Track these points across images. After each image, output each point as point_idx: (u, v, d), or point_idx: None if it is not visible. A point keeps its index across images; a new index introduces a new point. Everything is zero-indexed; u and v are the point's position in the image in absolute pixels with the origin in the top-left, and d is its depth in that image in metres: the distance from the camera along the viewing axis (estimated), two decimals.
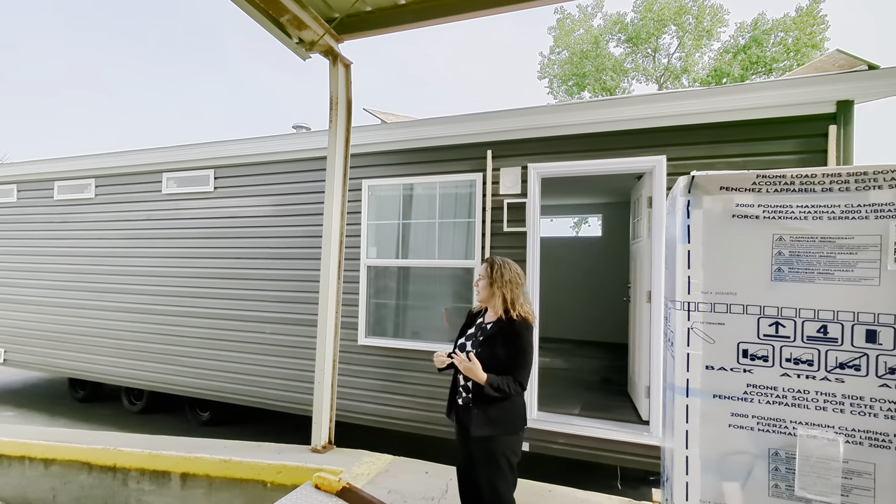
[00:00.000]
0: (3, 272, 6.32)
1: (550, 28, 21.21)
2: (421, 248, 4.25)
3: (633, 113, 3.43)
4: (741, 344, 1.62)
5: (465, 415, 2.15)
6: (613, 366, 5.75)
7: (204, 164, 5.08)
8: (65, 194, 5.91)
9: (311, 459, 3.29)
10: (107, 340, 5.52)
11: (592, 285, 7.76)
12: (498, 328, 2.14)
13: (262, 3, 3.13)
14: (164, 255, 5.26)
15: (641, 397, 3.57)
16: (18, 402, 6.62)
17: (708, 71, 18.26)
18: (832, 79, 2.86)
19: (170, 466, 3.47)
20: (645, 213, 3.63)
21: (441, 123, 4.06)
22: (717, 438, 1.65)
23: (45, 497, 3.85)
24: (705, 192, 1.69)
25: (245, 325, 4.81)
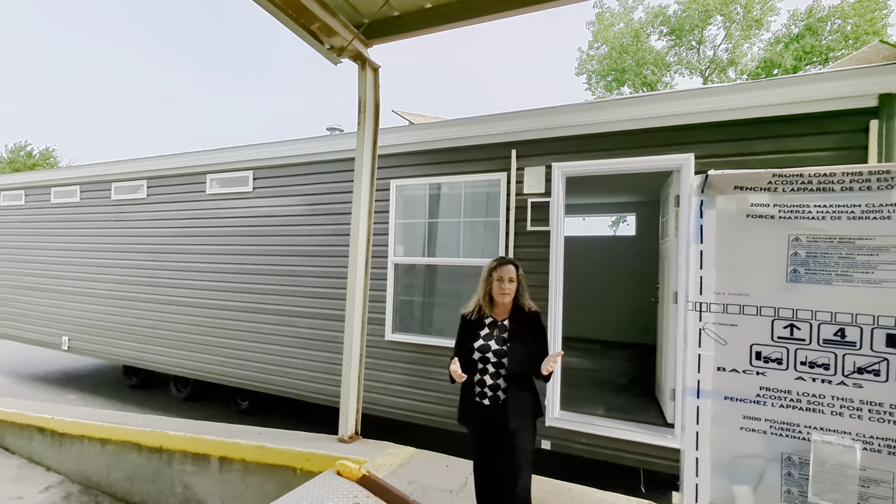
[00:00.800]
0: (68, 266, 6.90)
1: (589, 23, 20.76)
2: (446, 247, 4.33)
3: (659, 110, 3.36)
4: (754, 346, 1.60)
5: (495, 412, 2.17)
6: (642, 368, 5.62)
7: (243, 165, 5.37)
8: (121, 195, 6.39)
9: (338, 449, 3.44)
10: (157, 331, 5.93)
11: (625, 286, 7.59)
12: (520, 322, 2.25)
13: (294, 13, 3.29)
14: (207, 252, 5.59)
15: (667, 400, 3.50)
16: (80, 386, 7.22)
17: (758, 62, 17.34)
18: (873, 71, 2.70)
19: (209, 450, 3.71)
20: (672, 212, 3.55)
21: (466, 124, 4.12)
22: (728, 441, 1.63)
23: (101, 473, 4.20)
24: (719, 192, 1.67)
25: (280, 318, 5.04)
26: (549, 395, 3.65)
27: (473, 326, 2.32)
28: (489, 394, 2.20)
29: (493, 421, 2.18)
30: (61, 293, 6.92)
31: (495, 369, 2.20)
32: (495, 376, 2.19)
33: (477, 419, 2.24)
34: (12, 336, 7.56)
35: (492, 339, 2.23)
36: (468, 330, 2.33)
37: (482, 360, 2.22)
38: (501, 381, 2.18)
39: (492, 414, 2.18)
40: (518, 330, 2.22)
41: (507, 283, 2.23)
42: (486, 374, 2.22)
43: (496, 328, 2.26)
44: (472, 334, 2.29)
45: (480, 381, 2.23)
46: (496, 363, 2.20)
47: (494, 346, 2.20)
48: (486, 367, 2.22)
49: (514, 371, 2.17)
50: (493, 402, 2.19)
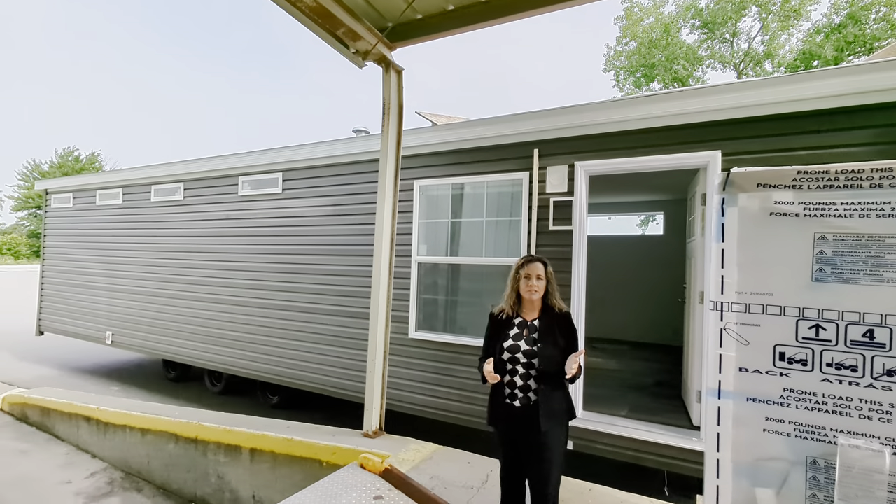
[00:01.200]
0: (111, 265, 7.30)
1: (617, 18, 20.37)
2: (469, 246, 4.36)
3: (685, 107, 3.29)
4: (778, 347, 1.57)
5: (526, 414, 2.13)
6: (669, 369, 5.51)
7: (273, 167, 5.55)
8: (160, 196, 6.70)
9: (362, 443, 3.52)
10: (193, 327, 6.19)
11: (652, 286, 7.43)
12: (550, 322, 2.21)
13: (320, 19, 3.38)
14: (239, 252, 5.81)
15: (693, 402, 3.43)
16: (122, 378, 7.62)
17: (796, 54, 16.60)
18: None
19: (241, 442, 3.86)
20: (699, 211, 3.47)
21: (488, 124, 4.14)
22: (750, 443, 1.60)
23: (142, 462, 4.43)
24: (741, 190, 1.65)
25: (307, 316, 5.19)
26: (573, 395, 3.63)
27: (502, 326, 2.28)
28: (519, 395, 2.16)
29: (524, 423, 2.14)
30: (105, 291, 7.32)
31: (525, 370, 2.16)
32: (525, 377, 2.15)
33: (507, 421, 2.19)
34: (62, 331, 8.04)
35: (521, 339, 2.19)
36: (496, 329, 2.29)
37: (511, 361, 2.18)
38: (532, 381, 2.14)
39: (522, 416, 2.14)
40: (548, 329, 2.18)
41: (535, 281, 2.19)
42: (515, 375, 2.17)
43: (525, 328, 2.22)
44: (501, 334, 2.25)
45: (510, 383, 2.19)
46: (526, 364, 2.15)
47: (524, 346, 2.16)
48: (516, 367, 2.18)
49: (544, 371, 2.12)
50: (523, 404, 2.15)
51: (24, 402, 5.53)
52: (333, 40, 3.62)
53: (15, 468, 4.37)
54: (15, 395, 5.72)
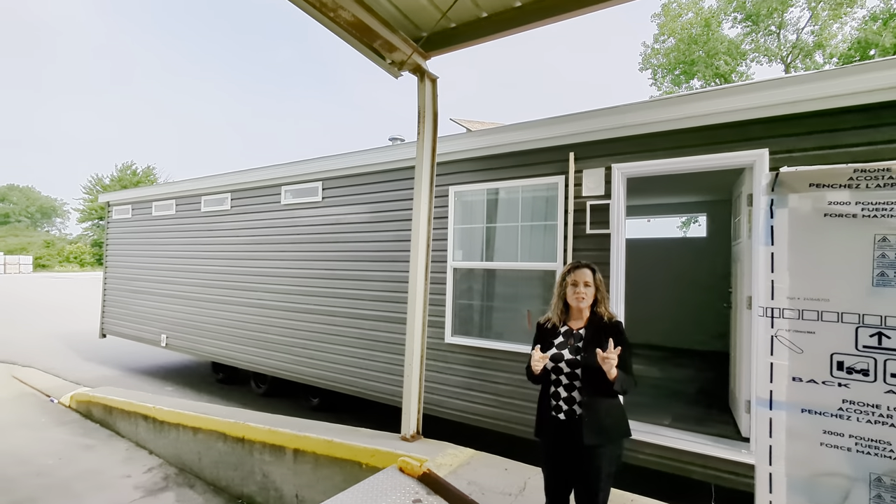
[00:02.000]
0: (165, 272, 7.75)
1: (654, 15, 19.82)
2: (504, 251, 4.35)
3: (728, 105, 3.17)
4: (835, 355, 1.49)
5: (571, 427, 2.05)
6: (714, 377, 5.27)
7: (313, 177, 5.74)
8: (209, 207, 7.08)
9: (400, 447, 3.57)
10: (240, 331, 6.48)
11: (695, 290, 7.15)
12: (598, 331, 2.10)
13: (358, 32, 3.50)
14: (282, 258, 6.04)
15: (742, 412, 3.27)
16: (176, 379, 8.05)
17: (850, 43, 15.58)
18: None
19: (285, 442, 4.00)
20: (745, 212, 3.33)
21: (522, 129, 4.13)
22: (806, 457, 1.53)
23: (193, 459, 4.67)
24: (791, 190, 1.58)
25: (347, 321, 5.33)
26: None
27: (547, 335, 2.21)
28: (564, 407, 2.08)
29: (569, 436, 2.05)
30: (160, 296, 7.77)
31: (569, 381, 2.08)
32: (569, 388, 2.07)
33: (552, 433, 2.12)
34: (122, 334, 8.60)
35: (565, 349, 2.11)
36: (542, 338, 2.22)
37: (555, 371, 2.10)
38: (576, 393, 2.05)
39: (567, 429, 2.06)
40: (594, 338, 2.06)
41: (583, 288, 2.11)
42: (559, 386, 2.10)
43: (571, 337, 2.14)
44: (546, 343, 2.18)
45: (555, 394, 2.12)
46: (570, 374, 2.07)
47: (567, 355, 2.08)
48: (560, 378, 2.10)
49: (589, 382, 2.01)
50: (568, 417, 2.06)
51: (89, 400, 5.94)
52: (370, 52, 3.72)
53: (82, 462, 4.70)
54: (81, 394, 6.16)
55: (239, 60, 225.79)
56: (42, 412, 6.09)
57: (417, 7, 3.58)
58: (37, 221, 68.91)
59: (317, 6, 3.14)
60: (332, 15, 3.25)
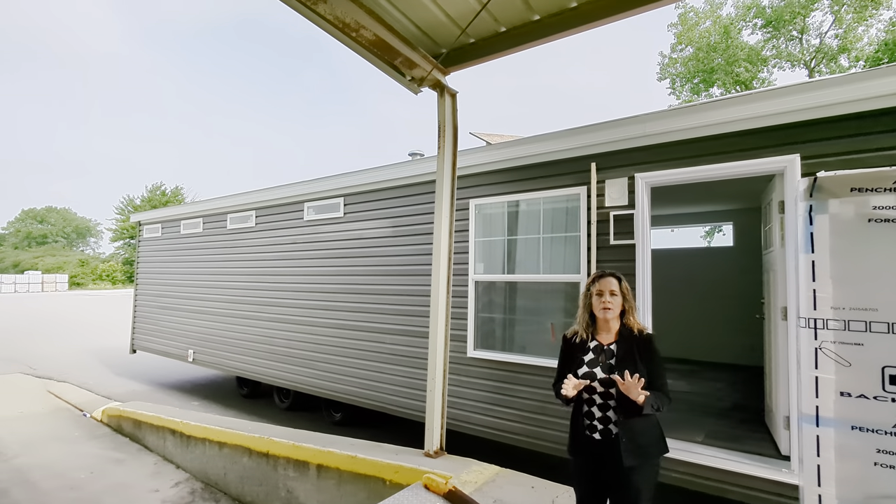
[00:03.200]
0: (193, 288, 7.94)
1: (671, 25, 19.73)
2: (526, 263, 4.31)
3: (756, 110, 3.10)
4: (887, 369, 1.40)
5: (608, 448, 1.99)
6: (747, 391, 5.06)
7: (335, 193, 5.84)
8: (235, 224, 7.25)
9: (424, 463, 3.52)
10: (263, 346, 6.56)
11: (723, 301, 6.93)
12: (629, 346, 2.03)
13: (380, 51, 3.57)
14: (304, 274, 6.12)
15: (780, 428, 3.11)
16: (202, 394, 8.18)
17: (877, 46, 15.16)
18: None
19: (308, 457, 3.99)
20: (777, 220, 3.22)
21: (542, 140, 4.12)
22: (859, 477, 1.43)
23: (219, 473, 4.70)
24: (832, 195, 1.52)
25: (369, 335, 5.34)
26: None
27: (576, 350, 2.12)
28: (599, 427, 2.01)
29: (605, 457, 1.99)
30: (188, 312, 7.95)
31: (603, 400, 2.01)
32: (603, 408, 2.01)
33: (586, 454, 2.05)
34: (151, 349, 8.81)
35: (597, 367, 2.03)
36: (570, 354, 2.13)
37: (588, 390, 2.03)
38: (611, 413, 1.99)
39: (604, 450, 1.99)
40: (627, 355, 1.99)
41: (609, 297, 2.03)
42: (593, 406, 2.03)
43: (602, 353, 2.06)
44: (576, 359, 2.09)
45: (588, 413, 2.05)
46: (603, 393, 2.00)
47: (600, 373, 2.01)
48: (593, 397, 2.03)
49: (625, 402, 1.92)
50: (604, 437, 2.00)
51: (119, 414, 6.08)
52: (391, 70, 3.79)
53: (112, 476, 4.78)
54: (112, 408, 6.30)
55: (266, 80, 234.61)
56: (76, 426, 6.25)
57: (437, 24, 3.64)
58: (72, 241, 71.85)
59: (339, 27, 3.22)
60: (354, 35, 3.33)
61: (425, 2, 3.35)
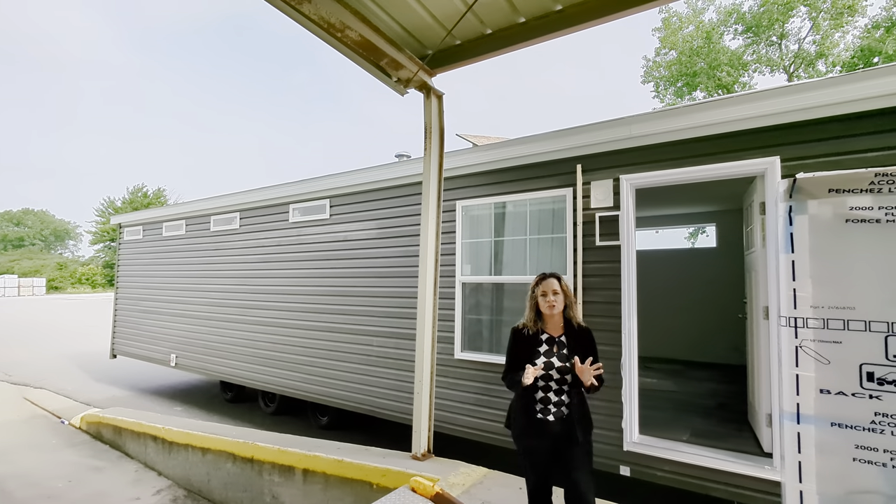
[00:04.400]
0: (175, 291, 7.79)
1: (655, 29, 20.03)
2: (513, 265, 4.32)
3: (737, 113, 3.15)
4: (864, 366, 1.43)
5: (562, 427, 2.22)
6: (730, 390, 5.14)
7: (321, 194, 5.78)
8: (218, 226, 7.13)
9: (412, 466, 3.50)
10: (249, 350, 6.46)
11: (706, 301, 7.04)
12: (576, 337, 2.30)
13: (366, 52, 3.55)
14: (290, 276, 6.04)
15: (762, 426, 3.17)
16: (185, 399, 8.01)
17: (853, 52, 15.61)
18: None
19: (294, 462, 3.93)
20: (758, 221, 3.28)
21: (529, 142, 4.14)
22: (838, 473, 1.46)
23: (202, 480, 4.60)
24: (810, 196, 1.55)
25: (355, 338, 5.29)
26: (627, 417, 3.47)
27: (530, 342, 2.33)
28: (553, 410, 2.24)
29: (560, 436, 2.22)
30: (170, 316, 7.80)
31: (559, 385, 2.24)
32: (559, 392, 2.24)
33: (541, 436, 2.24)
34: (132, 354, 8.62)
35: (553, 356, 2.26)
36: (525, 345, 2.34)
37: (545, 378, 2.25)
38: (565, 396, 2.23)
39: (558, 429, 2.22)
40: (576, 344, 2.28)
41: (552, 296, 2.27)
42: (549, 392, 2.25)
43: (555, 344, 2.30)
44: (531, 351, 2.31)
45: (544, 399, 2.26)
46: (559, 379, 2.23)
47: (557, 362, 2.24)
48: (549, 383, 2.25)
49: (577, 385, 2.22)
50: (557, 418, 2.23)
51: (99, 421, 5.92)
52: (377, 70, 3.77)
53: (91, 484, 4.65)
54: (92, 415, 6.14)
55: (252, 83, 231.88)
56: (53, 434, 6.07)
57: (423, 26, 3.63)
58: (50, 244, 70.04)
59: (325, 27, 3.19)
60: (339, 35, 3.30)
61: (411, 3, 3.33)
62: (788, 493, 1.54)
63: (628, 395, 3.47)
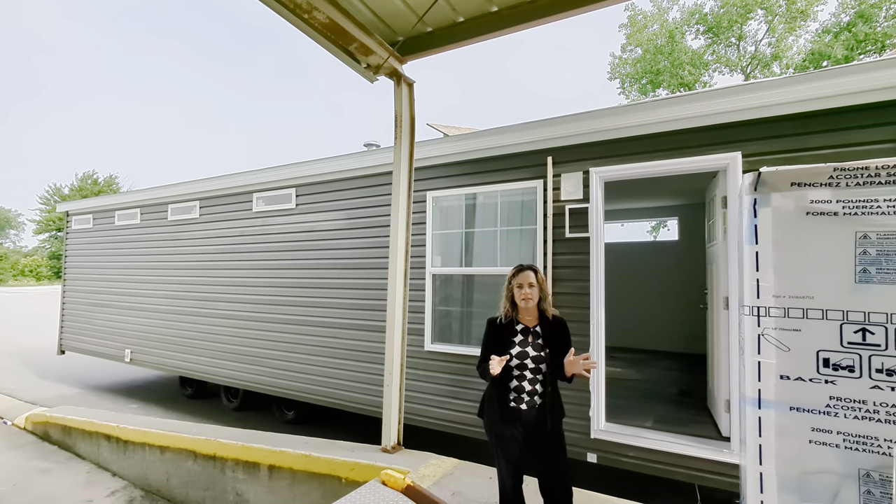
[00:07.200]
0: (130, 284, 7.39)
1: (621, 26, 20.42)
2: (484, 256, 4.32)
3: (701, 109, 3.24)
4: (821, 352, 1.49)
5: (535, 416, 2.25)
6: (691, 378, 5.37)
7: (287, 183, 5.59)
8: (176, 215, 6.80)
9: (381, 459, 3.46)
10: (210, 344, 6.21)
11: (669, 292, 7.30)
12: (550, 327, 2.33)
13: (334, 35, 3.42)
14: (254, 268, 5.84)
15: (721, 411, 3.31)
16: (141, 396, 7.65)
17: (804, 55, 16.44)
18: None
19: (259, 458, 3.82)
20: (720, 214, 3.40)
21: (500, 133, 4.12)
22: (795, 455, 1.52)
23: (161, 479, 4.41)
24: (774, 189, 1.59)
25: (323, 330, 5.17)
26: (595, 406, 3.55)
27: (505, 332, 2.35)
28: (526, 398, 2.27)
29: (533, 424, 2.25)
30: (125, 309, 7.39)
31: (533, 375, 2.27)
32: (533, 381, 2.27)
33: (515, 424, 2.27)
34: (83, 349, 8.14)
35: (528, 346, 2.29)
36: (500, 335, 2.36)
37: (520, 367, 2.27)
38: (539, 385, 2.27)
39: (531, 417, 2.25)
40: (551, 334, 2.31)
41: (528, 289, 2.29)
42: (524, 381, 2.28)
43: (530, 334, 2.32)
44: (507, 341, 2.33)
45: (518, 388, 2.28)
46: (534, 369, 2.27)
47: (532, 352, 2.28)
48: (524, 373, 2.28)
49: (552, 374, 2.27)
50: (530, 407, 2.26)
51: (46, 420, 5.57)
52: (345, 56, 3.65)
53: (38, 487, 4.37)
54: (38, 415, 5.76)
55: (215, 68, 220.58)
56: None
57: (394, 11, 3.53)
58: None
59: (290, 7, 3.05)
60: (306, 17, 3.17)
61: None
62: (749, 475, 1.59)
63: (596, 383, 3.55)
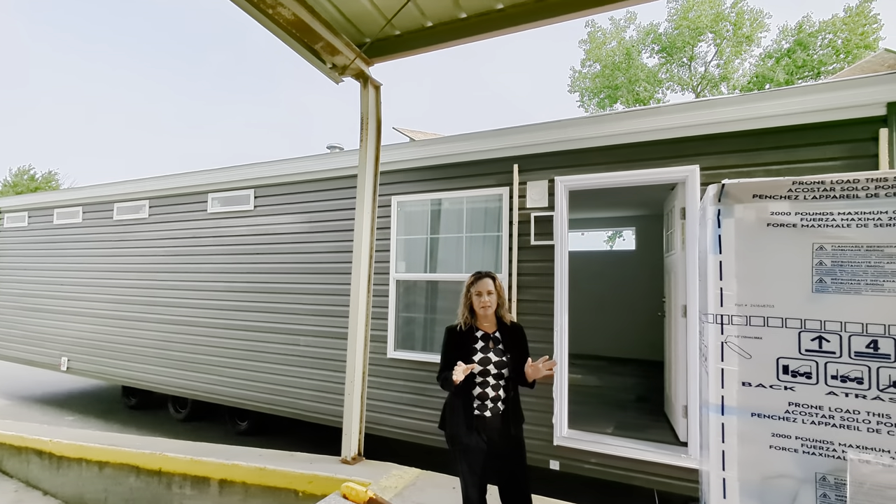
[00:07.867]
0: (69, 287, 6.83)
1: (581, 41, 21.13)
2: (449, 263, 4.28)
3: (662, 123, 3.36)
4: (781, 360, 1.53)
5: (499, 422, 2.24)
6: (649, 384, 5.53)
7: (245, 184, 5.35)
8: (123, 215, 6.36)
9: (341, 470, 3.33)
10: (156, 351, 5.82)
11: (626, 301, 7.53)
12: (511, 334, 2.34)
13: (298, 33, 3.30)
14: (208, 271, 5.53)
15: (679, 417, 3.41)
16: (79, 407, 7.07)
17: (749, 78, 17.60)
18: (881, 79, 2.70)
19: (209, 472, 3.59)
20: (678, 225, 3.52)
21: (467, 140, 4.11)
22: (756, 460, 1.55)
23: (99, 498, 4.06)
24: (737, 201, 1.63)
25: (280, 337, 4.96)
26: (557, 413, 3.56)
27: (465, 340, 2.33)
28: (490, 405, 2.25)
29: (496, 431, 2.24)
30: (61, 314, 6.82)
31: (496, 381, 2.26)
32: (496, 388, 2.26)
33: (478, 431, 2.25)
34: (11, 357, 7.44)
35: (490, 352, 2.28)
36: (460, 343, 2.33)
37: (483, 374, 2.25)
38: (501, 391, 2.26)
39: (494, 424, 2.24)
40: (511, 341, 2.32)
41: (486, 296, 2.29)
42: (486, 387, 2.26)
43: (490, 341, 2.32)
44: (468, 348, 2.30)
45: (482, 395, 2.26)
46: (497, 374, 2.26)
47: (494, 357, 2.27)
48: (487, 379, 2.26)
49: (514, 380, 2.27)
50: (493, 413, 2.24)
51: None
52: (310, 55, 3.54)
53: None
54: None
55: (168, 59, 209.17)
56: None
57: (362, 12, 3.46)
58: None
59: (254, 2, 2.92)
60: (270, 12, 3.05)
61: None
62: (713, 481, 1.61)
63: (559, 390, 3.56)
